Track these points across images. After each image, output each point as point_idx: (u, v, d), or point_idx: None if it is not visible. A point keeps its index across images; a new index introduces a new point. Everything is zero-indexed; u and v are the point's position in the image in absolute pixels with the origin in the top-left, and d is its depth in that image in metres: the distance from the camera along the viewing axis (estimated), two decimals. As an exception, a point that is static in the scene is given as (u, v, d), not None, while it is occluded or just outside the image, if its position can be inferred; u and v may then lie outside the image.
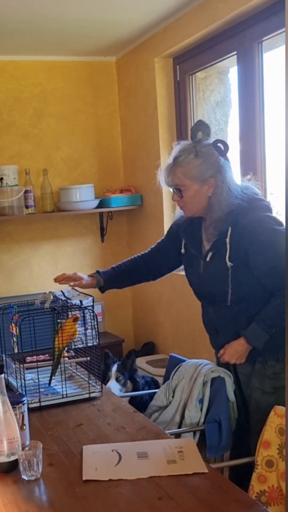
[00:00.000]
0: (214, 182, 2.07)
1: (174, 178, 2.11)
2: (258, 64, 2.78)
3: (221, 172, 2.06)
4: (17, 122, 3.82)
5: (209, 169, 2.06)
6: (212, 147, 2.08)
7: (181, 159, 2.09)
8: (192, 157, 2.07)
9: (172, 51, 3.35)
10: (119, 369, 3.02)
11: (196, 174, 2.07)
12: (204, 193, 2.10)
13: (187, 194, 2.11)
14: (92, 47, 3.72)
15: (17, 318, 2.23)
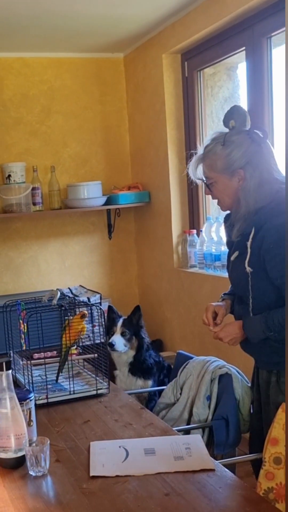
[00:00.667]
0: (243, 174, 1.88)
1: (201, 171, 1.97)
2: (267, 60, 2.76)
3: (251, 163, 1.86)
4: (24, 119, 3.83)
5: (238, 159, 1.87)
6: (245, 135, 1.88)
7: (208, 149, 1.92)
8: (219, 147, 1.88)
9: (180, 47, 3.34)
10: (125, 324, 2.98)
11: (223, 166, 1.89)
12: (235, 186, 1.90)
13: (216, 188, 1.94)
14: (100, 43, 3.71)
15: (25, 314, 2.23)
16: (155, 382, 3.02)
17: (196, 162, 1.98)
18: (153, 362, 3.04)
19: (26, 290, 3.87)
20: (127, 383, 3.00)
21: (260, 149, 1.87)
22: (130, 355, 2.97)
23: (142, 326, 3.04)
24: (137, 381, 2.98)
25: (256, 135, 1.88)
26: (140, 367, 2.99)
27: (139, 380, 2.98)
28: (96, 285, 4.05)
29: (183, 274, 3.56)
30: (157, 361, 3.07)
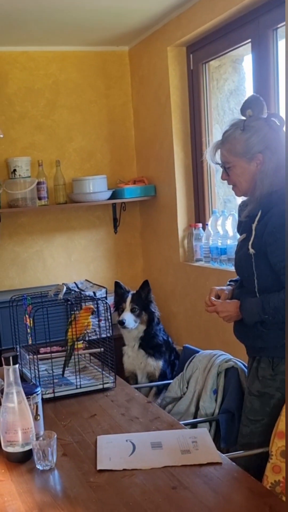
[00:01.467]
0: (261, 158, 1.93)
1: (220, 155, 2.01)
2: (273, 52, 2.74)
3: (270, 148, 1.92)
4: (29, 113, 3.82)
5: (256, 144, 1.92)
6: (263, 121, 1.94)
7: (227, 134, 1.97)
8: (239, 132, 1.94)
9: (185, 39, 3.32)
10: (134, 299, 2.98)
11: (242, 150, 1.94)
12: (253, 171, 1.95)
13: (234, 172, 1.98)
14: (105, 37, 3.69)
15: (31, 309, 2.24)
16: (166, 362, 3.01)
17: (215, 147, 2.03)
18: (163, 339, 3.03)
19: (32, 285, 3.87)
20: (136, 358, 2.98)
21: (277, 135, 1.93)
22: (141, 329, 2.96)
23: (151, 301, 3.03)
24: (148, 360, 2.96)
25: (274, 123, 1.93)
26: (150, 342, 2.98)
27: (150, 359, 2.96)
28: (102, 279, 4.05)
29: (189, 268, 3.55)
30: (166, 340, 3.06)
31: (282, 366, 1.92)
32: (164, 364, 2.98)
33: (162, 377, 2.95)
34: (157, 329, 3.03)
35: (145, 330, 2.98)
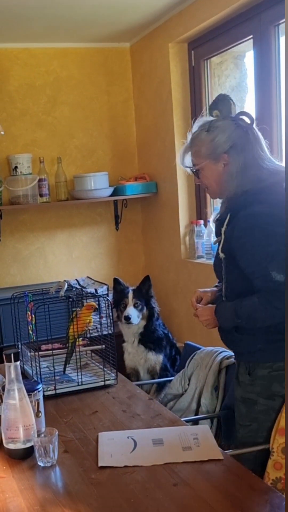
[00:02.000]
0: (226, 159, 1.88)
1: (189, 158, 1.99)
2: (274, 48, 2.73)
3: (236, 148, 1.86)
4: (30, 110, 3.82)
5: (221, 144, 1.87)
6: (230, 120, 1.89)
7: (193, 136, 1.95)
8: (204, 133, 1.91)
9: (186, 36, 3.31)
10: (136, 295, 2.98)
11: (207, 151, 1.90)
12: (221, 172, 1.90)
13: (203, 174, 1.95)
14: (106, 33, 3.68)
15: (32, 306, 2.24)
16: (166, 357, 3.01)
17: (184, 151, 2.00)
18: (163, 334, 3.03)
19: (34, 282, 3.87)
20: (137, 354, 2.98)
21: (245, 134, 1.88)
22: (141, 325, 2.96)
23: (152, 296, 3.03)
24: (148, 354, 2.96)
25: (242, 121, 1.89)
26: (150, 337, 2.98)
27: (150, 353, 2.96)
28: (104, 276, 4.05)
29: (190, 265, 3.55)
30: (165, 334, 3.06)
31: (260, 371, 1.87)
32: (164, 358, 2.98)
33: (163, 371, 2.95)
34: (156, 324, 3.03)
35: (145, 326, 2.98)
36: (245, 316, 1.83)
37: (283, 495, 1.42)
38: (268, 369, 1.85)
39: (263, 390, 1.86)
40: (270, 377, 1.85)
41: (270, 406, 1.86)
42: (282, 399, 1.85)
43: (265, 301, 1.77)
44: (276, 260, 1.73)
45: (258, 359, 1.88)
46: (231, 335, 1.95)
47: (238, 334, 1.91)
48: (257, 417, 1.88)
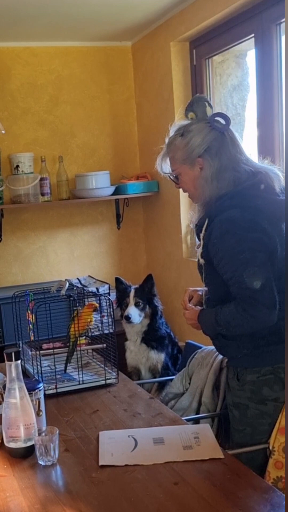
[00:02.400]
0: (202, 162, 1.84)
1: (166, 165, 1.96)
2: (276, 47, 2.73)
3: (210, 151, 1.82)
4: (32, 109, 3.82)
5: (196, 148, 1.83)
6: (205, 123, 1.84)
7: (169, 142, 1.92)
8: (179, 138, 1.87)
9: (188, 34, 3.31)
10: (138, 294, 2.96)
11: (182, 156, 1.86)
12: (198, 176, 1.86)
13: (181, 180, 1.92)
14: (108, 32, 3.68)
15: (33, 305, 2.24)
16: (168, 355, 3.00)
17: (162, 158, 1.97)
18: (165, 332, 3.03)
19: (35, 281, 3.88)
20: (139, 353, 2.97)
21: (221, 136, 1.84)
22: (144, 324, 2.95)
23: (155, 294, 3.02)
24: (150, 353, 2.95)
25: (218, 122, 1.84)
26: (153, 336, 2.97)
27: (152, 352, 2.95)
28: (105, 275, 4.05)
29: (192, 264, 3.55)
30: (168, 333, 3.06)
31: (248, 376, 1.85)
32: (166, 357, 2.98)
33: (164, 370, 2.95)
34: (160, 322, 3.03)
35: (148, 324, 2.98)
36: (224, 323, 1.81)
37: (283, 494, 1.42)
38: (256, 374, 1.84)
39: (253, 395, 1.85)
40: (259, 382, 1.84)
41: (263, 411, 1.85)
42: (274, 403, 1.83)
43: (241, 309, 1.75)
44: (250, 267, 1.70)
45: (245, 364, 1.87)
46: (217, 340, 1.94)
47: (223, 339, 1.90)
48: (250, 421, 1.87)
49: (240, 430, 1.90)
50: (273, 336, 1.81)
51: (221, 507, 1.37)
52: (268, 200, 1.78)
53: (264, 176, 1.81)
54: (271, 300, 1.71)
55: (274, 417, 1.85)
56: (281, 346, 1.81)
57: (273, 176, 1.83)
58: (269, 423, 1.85)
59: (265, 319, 1.73)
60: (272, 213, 1.76)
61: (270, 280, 1.71)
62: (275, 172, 1.85)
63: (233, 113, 3.41)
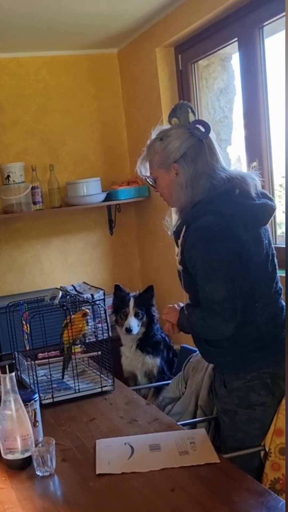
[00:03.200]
0: (177, 168, 1.85)
1: (145, 168, 1.97)
2: (259, 50, 2.75)
3: (186, 158, 1.82)
4: (21, 119, 3.83)
5: (172, 153, 1.83)
6: (184, 129, 1.85)
7: (148, 146, 1.95)
8: (158, 143, 1.89)
9: (173, 40, 3.33)
10: (137, 303, 2.97)
11: (160, 161, 1.88)
12: (173, 181, 1.86)
13: (158, 184, 1.94)
14: (93, 39, 3.70)
15: (28, 315, 2.25)
16: (163, 360, 3.01)
17: (141, 161, 1.98)
18: (161, 338, 3.04)
19: (30, 289, 3.88)
20: (134, 359, 2.98)
21: (199, 143, 1.84)
22: (140, 332, 2.96)
23: (153, 305, 3.03)
24: (145, 358, 2.96)
25: (197, 130, 1.85)
26: (149, 342, 2.98)
27: (147, 357, 2.96)
28: (100, 281, 4.06)
29: (185, 267, 3.56)
30: (163, 338, 3.07)
31: (234, 383, 1.86)
32: (161, 361, 2.99)
33: (160, 374, 2.96)
34: (155, 329, 3.04)
35: (144, 332, 2.99)
36: (190, 324, 1.87)
37: (278, 497, 1.43)
38: (242, 380, 1.85)
39: (241, 401, 1.86)
40: (246, 388, 1.85)
41: (251, 416, 1.87)
42: (262, 408, 1.85)
43: (201, 316, 1.80)
44: (215, 278, 1.72)
45: (230, 371, 1.88)
46: (202, 347, 1.96)
47: (207, 346, 1.92)
48: (240, 427, 1.89)
49: (231, 436, 1.92)
50: (256, 343, 1.83)
51: (217, 512, 1.38)
52: (243, 205, 1.79)
53: (240, 182, 1.82)
54: (230, 312, 1.74)
55: (263, 421, 1.86)
56: (265, 352, 1.83)
57: (250, 181, 1.84)
58: (259, 427, 1.87)
59: (220, 330, 1.77)
60: (247, 218, 1.78)
61: (233, 292, 1.73)
62: (252, 177, 1.86)
63: (221, 116, 3.43)
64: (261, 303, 1.80)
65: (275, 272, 1.88)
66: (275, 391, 1.85)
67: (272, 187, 2.84)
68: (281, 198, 3.39)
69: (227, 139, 3.44)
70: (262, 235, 1.82)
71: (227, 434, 1.94)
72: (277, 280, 1.88)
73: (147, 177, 1.99)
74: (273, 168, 2.83)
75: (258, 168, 2.79)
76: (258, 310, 1.82)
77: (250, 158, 2.88)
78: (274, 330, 1.84)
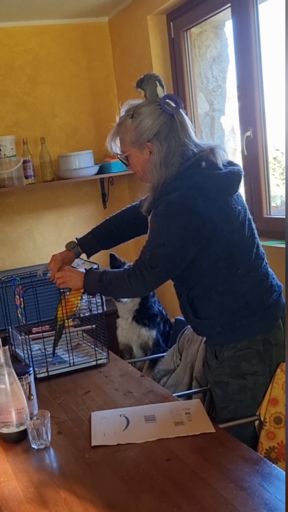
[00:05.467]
0: (151, 147, 1.81)
1: (116, 145, 1.93)
2: (253, 16, 2.68)
3: (159, 136, 1.79)
4: (11, 91, 3.75)
5: (145, 131, 1.80)
6: (155, 105, 1.80)
7: (119, 122, 1.89)
8: (129, 120, 1.83)
9: (165, 7, 3.24)
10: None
11: (132, 139, 1.83)
12: (146, 159, 1.83)
13: (131, 161, 1.90)
14: (84, 8, 3.61)
15: (21, 289, 2.23)
16: (159, 332, 3.01)
17: (112, 137, 1.94)
18: (158, 310, 3.03)
19: (23, 265, 3.86)
20: (130, 331, 2.98)
21: (171, 120, 1.80)
22: (136, 302, 2.95)
23: None
24: (141, 330, 2.97)
25: (168, 105, 1.80)
26: (145, 314, 2.98)
27: (143, 329, 2.96)
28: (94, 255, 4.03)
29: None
30: (160, 311, 3.07)
31: (225, 353, 1.86)
32: (157, 333, 2.99)
33: (156, 347, 2.96)
34: (152, 301, 3.03)
35: (140, 303, 2.98)
36: (106, 281, 1.92)
37: (273, 464, 1.44)
38: (233, 350, 1.85)
39: (232, 371, 1.86)
40: (237, 357, 1.85)
41: (243, 385, 1.86)
42: (253, 377, 1.85)
43: (127, 274, 1.86)
44: (159, 251, 1.75)
45: (220, 342, 1.88)
46: (191, 321, 1.96)
47: (196, 319, 1.91)
48: (232, 397, 1.88)
49: (224, 408, 1.92)
50: (244, 311, 1.82)
51: (213, 480, 1.38)
52: (208, 175, 1.77)
53: (206, 154, 1.79)
54: (155, 284, 1.85)
55: (255, 391, 1.86)
56: (253, 318, 1.83)
57: (219, 152, 1.81)
58: (251, 397, 1.87)
59: (136, 293, 2.01)
60: (214, 188, 1.76)
61: (169, 270, 1.80)
62: (222, 148, 1.83)
63: (214, 85, 3.38)
64: (243, 269, 1.80)
65: (254, 237, 1.88)
66: (266, 359, 1.85)
67: (266, 159, 2.80)
68: (275, 171, 3.37)
69: (221, 109, 3.39)
70: (233, 203, 1.80)
71: (220, 406, 1.94)
72: (257, 245, 1.88)
73: (119, 154, 1.95)
74: (267, 140, 2.79)
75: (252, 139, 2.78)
76: (242, 277, 1.81)
77: (244, 129, 2.84)
78: (260, 296, 1.84)
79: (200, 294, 1.86)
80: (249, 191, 2.86)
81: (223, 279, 1.80)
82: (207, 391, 2.22)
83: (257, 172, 2.81)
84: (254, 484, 1.35)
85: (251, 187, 2.83)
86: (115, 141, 1.93)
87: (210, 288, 1.83)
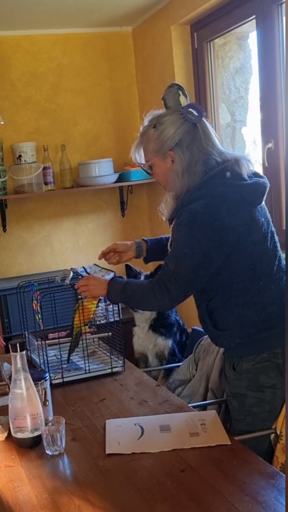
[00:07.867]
0: (173, 156, 1.81)
1: (140, 155, 1.93)
2: (278, 28, 2.69)
3: (181, 144, 1.79)
4: (33, 98, 3.79)
5: (167, 140, 1.80)
6: (178, 114, 1.80)
7: (142, 132, 1.90)
8: (152, 130, 1.84)
9: (189, 18, 3.26)
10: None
11: (155, 148, 1.84)
12: (170, 168, 1.83)
13: (154, 171, 1.90)
14: (108, 17, 3.64)
15: (38, 295, 2.23)
16: (175, 342, 3.00)
17: (136, 147, 1.94)
18: (175, 320, 3.02)
19: (41, 270, 3.88)
20: (146, 339, 2.97)
21: (193, 128, 1.80)
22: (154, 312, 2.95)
23: None
24: (157, 339, 2.95)
25: (191, 114, 1.80)
26: (162, 323, 2.96)
27: (159, 338, 2.95)
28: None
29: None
30: (177, 320, 3.05)
31: (244, 365, 1.84)
32: (173, 343, 2.98)
33: (171, 356, 2.95)
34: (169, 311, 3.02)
35: (157, 312, 2.97)
36: (130, 293, 1.92)
37: None
38: (252, 362, 1.83)
39: (250, 383, 1.84)
40: (255, 370, 1.82)
41: (261, 398, 1.83)
42: (271, 390, 1.82)
43: (151, 286, 1.85)
44: (184, 262, 1.75)
45: (239, 353, 1.86)
46: (209, 332, 1.94)
47: (215, 330, 1.90)
48: (249, 410, 1.86)
49: (240, 420, 1.89)
50: (265, 323, 1.81)
51: (228, 493, 1.37)
52: (233, 186, 1.76)
53: (231, 164, 1.78)
54: (180, 296, 1.83)
55: (273, 404, 1.84)
56: (273, 331, 1.80)
57: (244, 163, 1.80)
58: (268, 410, 1.84)
59: (162, 306, 1.92)
60: (238, 200, 1.75)
61: (193, 280, 1.79)
62: (247, 159, 1.82)
63: (236, 96, 3.38)
64: (265, 281, 1.78)
65: (276, 250, 1.86)
66: (285, 372, 1.83)
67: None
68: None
69: (242, 120, 3.39)
70: (257, 214, 1.79)
71: (236, 418, 1.92)
72: (279, 258, 1.86)
73: (143, 164, 1.96)
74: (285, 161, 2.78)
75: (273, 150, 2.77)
76: (263, 289, 1.80)
77: (266, 140, 2.83)
78: (281, 309, 1.82)
79: (220, 305, 1.85)
80: (269, 203, 2.84)
81: (244, 290, 1.79)
82: (223, 403, 2.21)
83: (278, 184, 2.79)
84: (270, 498, 1.33)
85: (271, 199, 2.82)
86: (139, 151, 1.94)
87: (230, 299, 1.82)
